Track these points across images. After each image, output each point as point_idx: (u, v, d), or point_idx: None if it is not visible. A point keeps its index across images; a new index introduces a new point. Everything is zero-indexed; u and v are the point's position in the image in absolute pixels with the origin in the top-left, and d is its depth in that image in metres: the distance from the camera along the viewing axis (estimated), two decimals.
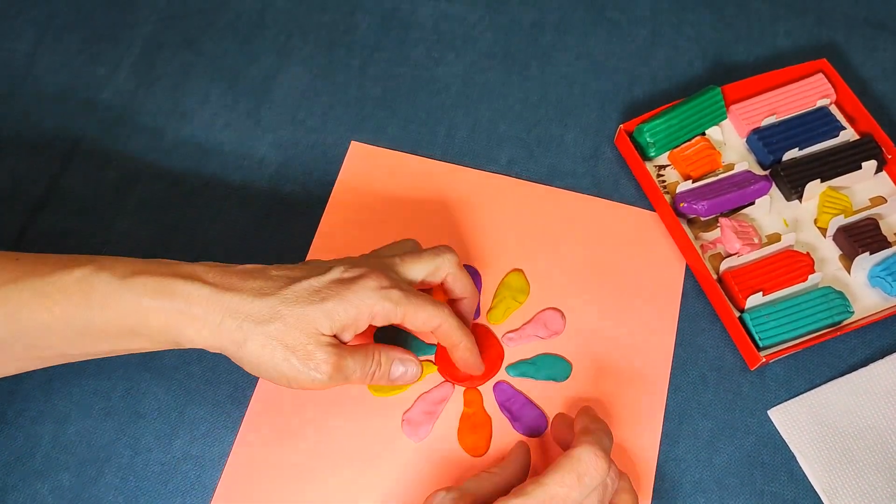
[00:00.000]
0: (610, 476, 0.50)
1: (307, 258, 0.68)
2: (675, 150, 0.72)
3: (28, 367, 0.54)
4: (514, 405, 0.62)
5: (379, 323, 0.53)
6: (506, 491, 0.50)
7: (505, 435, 0.62)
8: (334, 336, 0.52)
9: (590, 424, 0.55)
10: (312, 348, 0.51)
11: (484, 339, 0.65)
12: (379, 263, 0.55)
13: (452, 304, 0.61)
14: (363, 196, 0.71)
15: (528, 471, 0.57)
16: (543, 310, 0.66)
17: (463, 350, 0.58)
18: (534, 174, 0.73)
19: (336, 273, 0.53)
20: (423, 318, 0.54)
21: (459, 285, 0.59)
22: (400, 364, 0.56)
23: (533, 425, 0.62)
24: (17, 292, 0.48)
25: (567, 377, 0.63)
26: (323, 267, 0.54)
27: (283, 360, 0.50)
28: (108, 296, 0.49)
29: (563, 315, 0.66)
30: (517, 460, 0.57)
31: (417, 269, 0.57)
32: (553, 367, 0.64)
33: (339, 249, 0.65)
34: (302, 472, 0.60)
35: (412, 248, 0.60)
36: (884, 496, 0.60)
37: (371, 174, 0.72)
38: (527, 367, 0.64)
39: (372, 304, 0.51)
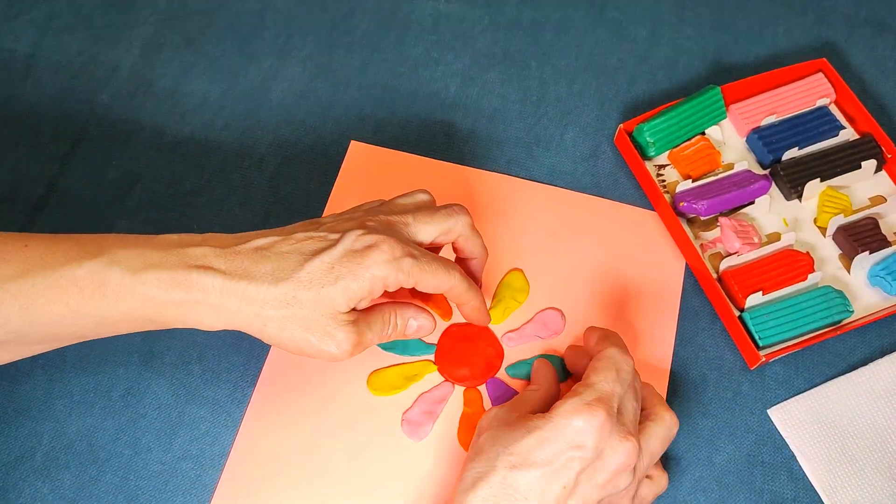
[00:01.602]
0: (636, 372, 0.55)
1: None
2: (675, 150, 0.72)
3: (44, 350, 0.54)
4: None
5: (391, 290, 0.53)
6: (549, 402, 0.54)
7: None
8: (348, 312, 0.52)
9: (603, 332, 0.58)
10: (332, 329, 0.51)
11: (483, 339, 0.65)
12: (390, 225, 0.55)
13: (462, 262, 0.61)
14: (363, 195, 0.70)
15: (558, 382, 0.61)
16: (543, 309, 0.66)
17: (470, 309, 0.59)
18: (533, 173, 0.73)
19: (348, 242, 0.52)
20: (434, 284, 0.54)
21: (470, 246, 0.59)
22: (414, 320, 0.57)
23: None
24: (30, 286, 0.48)
25: (564, 380, 0.63)
26: (334, 234, 0.53)
27: (303, 340, 0.51)
28: (121, 290, 0.49)
29: (562, 315, 0.66)
30: (547, 377, 0.60)
31: (429, 230, 0.57)
32: None
33: None
34: (302, 472, 0.60)
35: (425, 204, 0.59)
36: (883, 495, 0.60)
37: (371, 174, 0.72)
38: (526, 367, 0.64)
39: (385, 276, 0.52)
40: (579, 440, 0.50)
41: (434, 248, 0.60)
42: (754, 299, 0.65)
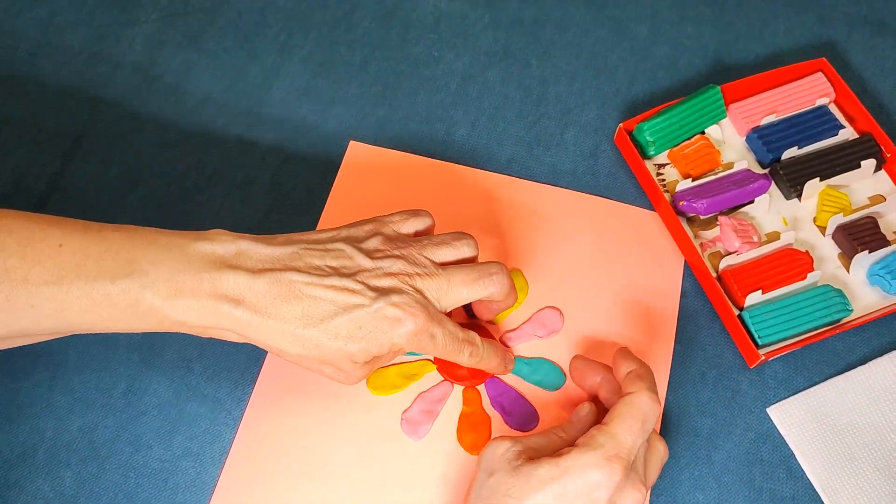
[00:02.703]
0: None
1: None
2: (675, 149, 0.72)
3: (63, 335, 0.55)
4: (506, 400, 0.63)
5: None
6: (568, 444, 0.53)
7: (504, 433, 0.62)
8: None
9: (638, 368, 0.56)
10: (347, 367, 0.54)
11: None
12: (424, 292, 0.54)
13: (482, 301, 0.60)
14: (362, 195, 0.71)
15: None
16: (542, 308, 0.66)
17: (492, 370, 0.61)
18: (533, 173, 0.73)
19: (380, 308, 0.52)
20: (449, 355, 0.56)
21: (501, 304, 0.61)
22: None
23: (524, 419, 0.62)
24: (65, 294, 0.49)
25: (559, 388, 0.63)
26: (370, 292, 0.53)
27: (318, 369, 0.54)
28: (152, 311, 0.50)
29: (561, 313, 0.66)
30: (583, 424, 0.57)
31: (463, 296, 0.56)
32: (547, 374, 0.64)
33: None
34: (301, 471, 0.60)
35: (467, 259, 0.58)
36: (882, 493, 0.60)
37: (370, 173, 0.72)
38: (522, 365, 0.64)
39: (402, 346, 0.54)
40: (596, 495, 0.50)
41: None
42: (753, 298, 0.65)
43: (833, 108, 0.75)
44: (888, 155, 0.71)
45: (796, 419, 0.63)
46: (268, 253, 0.53)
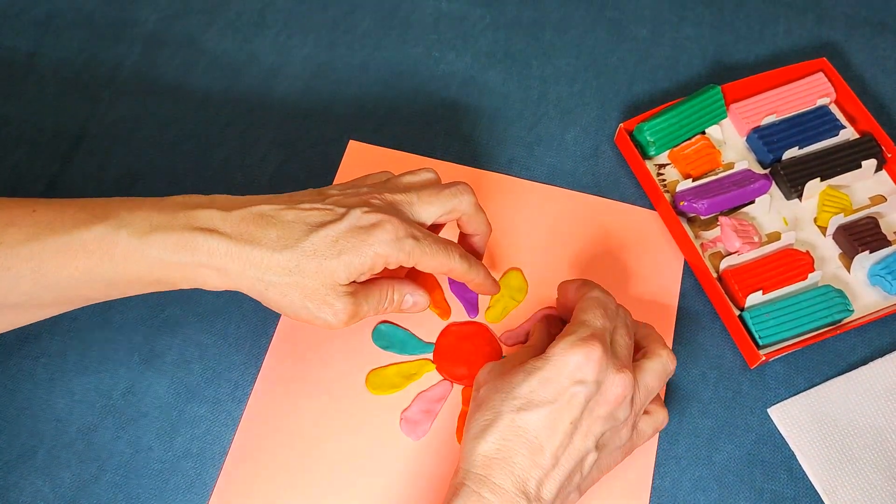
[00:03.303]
0: (620, 307, 0.58)
1: None
2: (675, 149, 0.72)
3: (56, 313, 0.55)
4: None
5: (392, 268, 0.54)
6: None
7: None
8: (348, 284, 0.53)
9: (582, 281, 0.60)
10: (331, 298, 0.52)
11: (482, 338, 0.65)
12: (394, 205, 0.55)
13: (465, 238, 0.62)
14: None
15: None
16: (541, 309, 0.66)
17: (475, 285, 0.60)
18: (534, 173, 0.73)
19: (353, 218, 0.53)
20: (434, 265, 0.55)
21: (474, 224, 0.60)
22: (410, 296, 0.58)
23: None
24: (40, 249, 0.49)
25: None
26: (340, 208, 0.54)
27: (302, 307, 0.53)
28: (129, 253, 0.50)
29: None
30: (542, 335, 0.61)
31: (433, 210, 0.57)
32: None
33: None
34: (300, 471, 0.60)
35: (431, 182, 0.59)
36: (883, 494, 0.60)
37: (370, 172, 0.72)
38: None
39: (386, 255, 0.53)
40: (580, 375, 0.51)
41: (437, 226, 0.60)
42: (754, 298, 0.65)
43: (834, 109, 0.75)
44: (889, 155, 0.71)
45: (797, 420, 0.63)
46: (239, 198, 0.54)
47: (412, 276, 0.63)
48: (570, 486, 0.53)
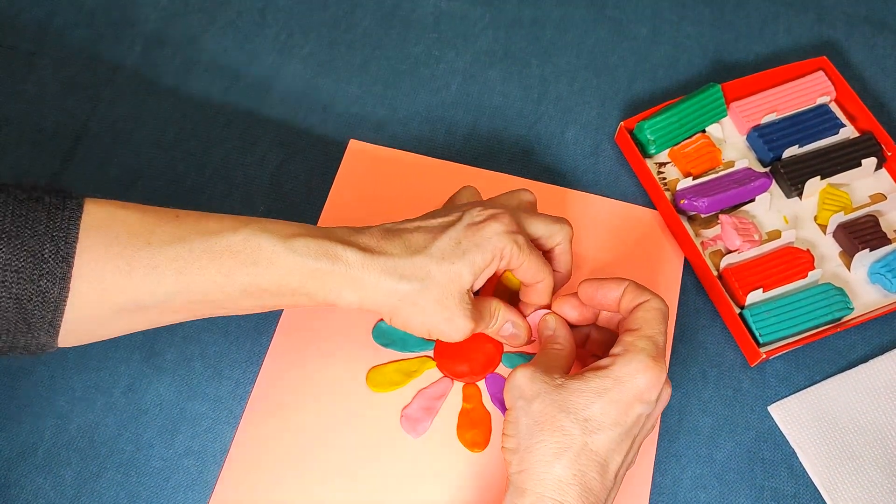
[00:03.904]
0: None
1: None
2: (676, 148, 0.72)
3: (177, 321, 0.55)
4: None
5: (502, 266, 0.56)
6: (573, 357, 0.58)
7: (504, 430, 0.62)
8: (470, 290, 0.55)
9: (632, 282, 0.57)
10: (457, 309, 0.55)
11: (482, 336, 0.64)
12: (506, 207, 0.58)
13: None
14: (362, 194, 0.71)
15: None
16: (535, 310, 0.66)
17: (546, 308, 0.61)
18: (534, 172, 0.73)
19: (469, 217, 0.56)
20: (534, 271, 0.57)
21: (563, 260, 0.61)
22: (511, 325, 0.60)
23: None
24: (187, 250, 0.50)
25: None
26: (455, 213, 0.57)
27: (431, 315, 0.55)
28: (274, 256, 0.51)
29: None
30: (565, 333, 0.60)
31: (538, 226, 0.59)
32: None
33: None
34: (301, 468, 0.60)
35: (530, 203, 0.62)
36: (883, 491, 0.60)
37: (370, 172, 0.72)
38: (521, 361, 0.64)
39: (502, 247, 0.55)
40: (647, 396, 0.52)
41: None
42: (755, 296, 0.65)
43: (834, 107, 0.75)
44: (889, 153, 0.71)
45: (797, 417, 0.63)
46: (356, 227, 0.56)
47: None
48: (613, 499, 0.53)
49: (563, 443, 0.51)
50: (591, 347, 0.62)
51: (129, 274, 0.49)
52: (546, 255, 0.61)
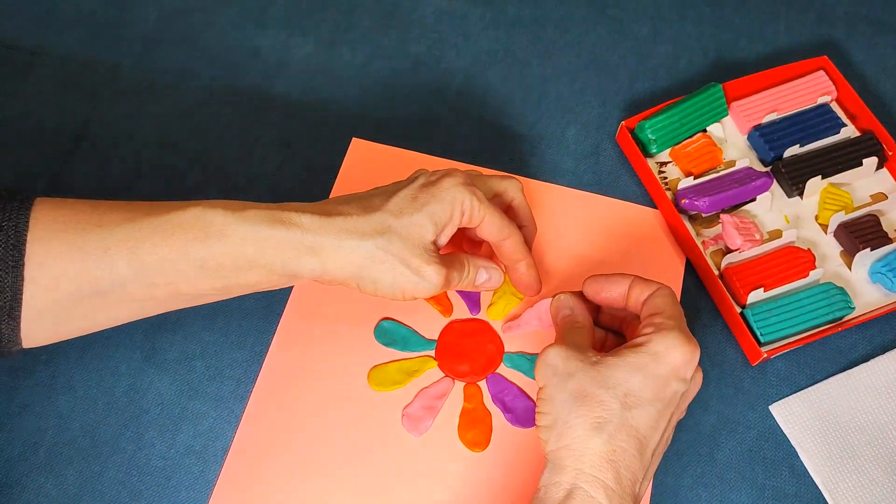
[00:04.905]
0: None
1: None
2: (677, 147, 0.72)
3: (139, 313, 0.55)
4: (507, 396, 0.63)
5: (464, 222, 0.56)
6: (594, 334, 0.58)
7: (505, 430, 0.62)
8: (434, 243, 0.55)
9: (638, 277, 0.58)
10: (424, 262, 0.54)
11: (483, 335, 0.65)
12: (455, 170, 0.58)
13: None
14: None
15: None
16: (542, 300, 0.66)
17: (525, 266, 0.61)
18: (535, 171, 0.73)
19: (423, 178, 0.56)
20: (498, 226, 0.57)
21: (524, 212, 0.62)
22: (484, 271, 0.60)
23: (525, 416, 0.62)
24: (137, 229, 0.50)
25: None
26: (407, 180, 0.57)
27: (400, 273, 0.54)
28: (225, 227, 0.51)
29: None
30: (584, 312, 0.59)
31: (489, 184, 0.59)
32: None
33: None
34: (302, 467, 0.60)
35: (476, 174, 0.62)
36: (884, 490, 0.60)
37: (372, 171, 0.72)
38: (522, 361, 0.64)
39: (462, 199, 0.55)
40: (683, 373, 0.52)
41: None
42: (756, 296, 0.65)
43: (835, 107, 0.75)
44: (890, 153, 0.71)
45: (799, 416, 0.63)
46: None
47: None
48: (648, 482, 0.53)
49: (602, 417, 0.50)
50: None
51: (82, 259, 0.49)
52: (506, 212, 0.60)
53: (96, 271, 0.49)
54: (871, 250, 0.67)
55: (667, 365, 0.51)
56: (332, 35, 0.80)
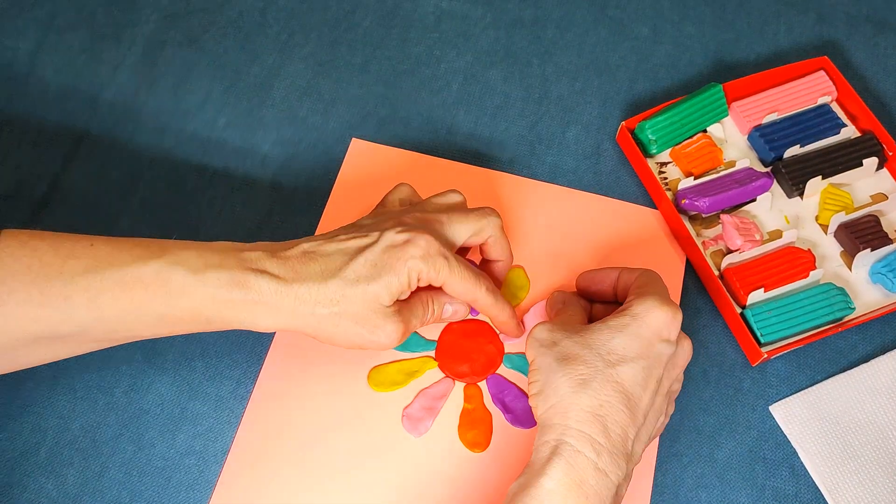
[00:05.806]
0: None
1: None
2: (677, 147, 0.72)
3: (99, 347, 0.55)
4: (507, 396, 0.63)
5: (423, 284, 0.56)
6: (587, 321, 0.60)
7: (505, 430, 0.62)
8: (391, 304, 0.55)
9: (624, 268, 0.61)
10: (380, 320, 0.54)
11: (484, 336, 0.65)
12: (426, 222, 0.57)
13: (487, 263, 0.64)
14: (364, 193, 0.70)
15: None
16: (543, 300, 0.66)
17: (499, 322, 0.62)
18: (535, 171, 0.73)
19: (387, 239, 0.55)
20: (461, 290, 0.57)
21: (498, 248, 0.62)
22: (449, 305, 0.60)
23: (524, 417, 0.62)
24: (99, 281, 0.50)
25: None
26: (374, 233, 0.56)
27: (355, 334, 0.54)
28: (184, 288, 0.51)
29: None
30: (578, 303, 0.62)
31: (462, 230, 0.59)
32: None
33: None
34: (302, 468, 0.60)
35: (459, 204, 0.62)
36: (884, 491, 0.60)
37: (372, 171, 0.72)
38: (523, 361, 0.64)
39: (419, 271, 0.54)
40: (666, 333, 0.53)
41: (464, 249, 0.63)
42: (756, 296, 0.65)
43: (835, 107, 0.75)
44: (890, 153, 0.71)
45: (799, 417, 0.63)
46: (281, 242, 0.56)
47: None
48: (644, 446, 0.54)
49: (586, 374, 0.52)
50: None
51: (41, 305, 0.49)
52: (481, 247, 0.62)
53: (56, 318, 0.50)
54: (872, 251, 0.67)
55: (648, 326, 0.53)
56: (333, 35, 0.80)
